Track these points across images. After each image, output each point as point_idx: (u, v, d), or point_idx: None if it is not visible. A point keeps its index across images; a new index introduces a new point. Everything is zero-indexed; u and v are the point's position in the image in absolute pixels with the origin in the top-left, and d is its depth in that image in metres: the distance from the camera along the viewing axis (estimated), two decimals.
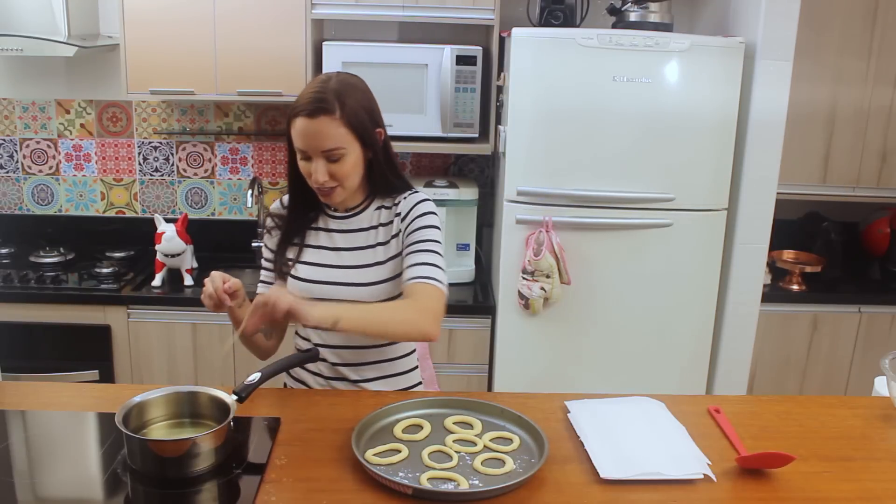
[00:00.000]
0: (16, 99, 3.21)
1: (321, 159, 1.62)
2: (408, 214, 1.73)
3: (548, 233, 2.61)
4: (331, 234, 1.76)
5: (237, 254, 3.24)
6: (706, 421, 1.60)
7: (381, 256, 1.74)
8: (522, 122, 2.61)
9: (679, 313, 2.75)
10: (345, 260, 1.74)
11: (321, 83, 1.63)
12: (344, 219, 1.77)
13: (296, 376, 1.84)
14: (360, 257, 1.74)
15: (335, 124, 1.60)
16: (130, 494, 1.31)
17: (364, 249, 1.75)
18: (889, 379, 1.63)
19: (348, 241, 1.75)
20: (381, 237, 1.75)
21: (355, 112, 1.62)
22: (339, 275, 1.73)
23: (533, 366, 2.77)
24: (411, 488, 1.29)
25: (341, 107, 1.60)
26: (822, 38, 2.93)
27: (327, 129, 1.59)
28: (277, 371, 1.58)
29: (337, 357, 1.76)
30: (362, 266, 1.74)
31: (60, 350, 2.81)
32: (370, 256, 1.74)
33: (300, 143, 1.62)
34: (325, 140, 1.60)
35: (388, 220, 1.76)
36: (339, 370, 1.77)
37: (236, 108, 3.23)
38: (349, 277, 1.73)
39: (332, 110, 1.59)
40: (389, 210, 1.77)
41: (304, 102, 1.60)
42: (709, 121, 2.62)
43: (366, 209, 1.77)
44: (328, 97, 1.60)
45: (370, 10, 2.78)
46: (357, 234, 1.76)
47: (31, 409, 1.58)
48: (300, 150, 1.63)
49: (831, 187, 3.10)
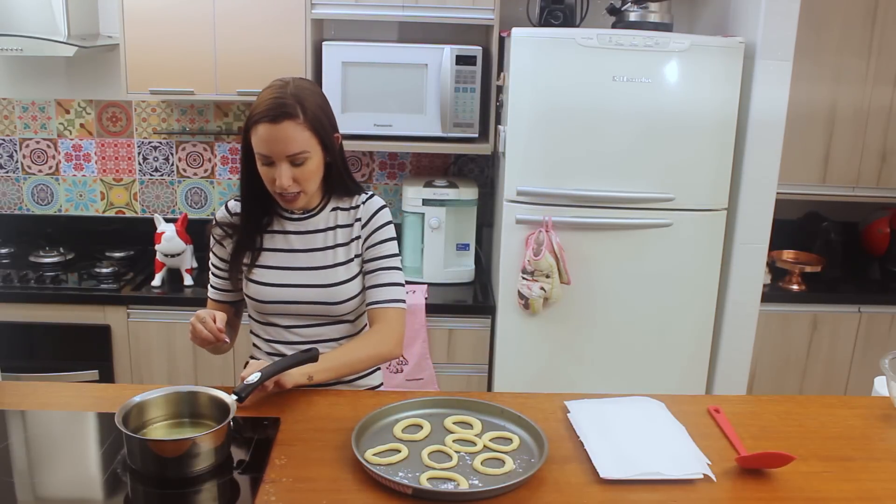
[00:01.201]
0: (16, 99, 3.21)
1: (285, 164, 1.62)
2: (369, 222, 1.77)
3: (547, 233, 2.61)
4: (287, 236, 1.77)
5: None
6: (706, 421, 1.60)
7: (341, 257, 1.76)
8: (522, 122, 2.61)
9: (679, 313, 2.75)
10: (302, 261, 1.75)
11: (279, 89, 1.62)
12: (300, 220, 1.77)
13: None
14: (319, 258, 1.76)
15: (299, 128, 1.60)
16: (130, 494, 1.31)
17: (323, 251, 1.76)
18: (889, 379, 1.63)
19: (305, 243, 1.76)
20: (340, 238, 1.77)
21: (316, 116, 1.63)
22: (300, 277, 1.74)
23: (533, 366, 2.77)
24: (411, 488, 1.29)
25: (303, 111, 1.61)
26: (822, 38, 2.93)
27: (292, 134, 1.60)
28: (277, 371, 1.58)
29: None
30: (322, 267, 1.75)
31: (60, 350, 2.81)
32: (330, 258, 1.76)
33: (264, 149, 1.61)
34: (289, 144, 1.60)
35: (347, 222, 1.78)
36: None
37: (236, 108, 3.23)
38: (311, 279, 1.74)
39: (295, 114, 1.60)
40: (347, 212, 1.78)
41: (264, 108, 1.59)
42: (709, 121, 2.62)
43: (321, 210, 1.78)
44: (289, 101, 1.60)
45: (370, 10, 2.78)
46: (315, 236, 1.77)
47: (31, 409, 1.58)
48: (263, 156, 1.62)
49: (831, 187, 3.10)
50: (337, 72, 2.79)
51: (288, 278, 1.75)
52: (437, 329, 2.82)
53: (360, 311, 1.83)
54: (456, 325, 2.83)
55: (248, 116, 1.63)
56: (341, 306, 1.76)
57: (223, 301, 1.85)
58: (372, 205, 1.78)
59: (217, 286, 1.84)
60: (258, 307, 1.78)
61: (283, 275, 1.75)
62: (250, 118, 1.62)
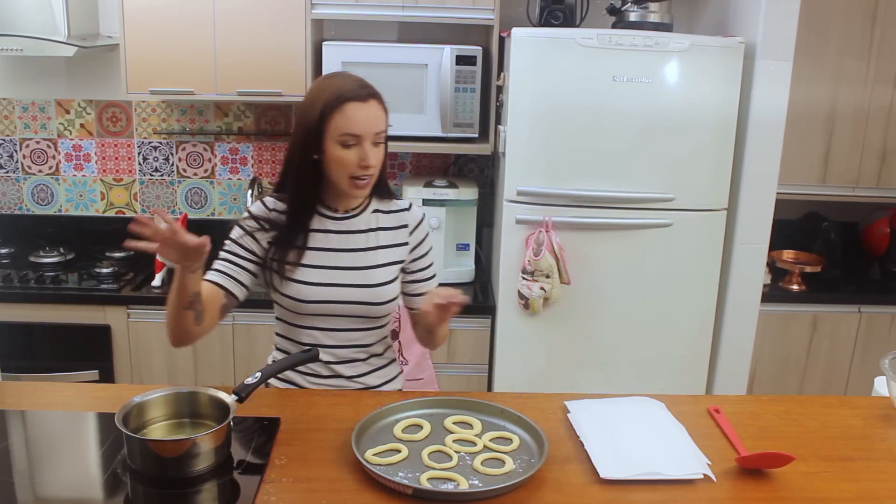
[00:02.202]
0: (16, 99, 3.21)
1: (369, 142, 1.63)
2: (417, 229, 1.80)
3: (547, 233, 2.61)
4: (328, 235, 1.75)
5: None
6: (706, 421, 1.60)
7: (383, 259, 1.75)
8: (522, 122, 2.61)
9: (679, 313, 2.75)
10: (345, 261, 1.74)
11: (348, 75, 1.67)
12: (342, 220, 1.76)
13: (283, 377, 1.81)
14: (362, 259, 1.74)
15: (381, 108, 1.65)
16: (130, 494, 1.31)
17: (364, 251, 1.75)
18: (889, 379, 1.63)
19: (347, 243, 1.75)
20: (383, 241, 1.76)
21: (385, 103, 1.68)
22: (343, 276, 1.72)
23: (533, 366, 2.77)
24: (411, 488, 1.29)
25: (380, 96, 1.66)
26: (822, 38, 2.93)
27: (378, 113, 1.64)
28: (277, 371, 1.58)
29: (331, 356, 1.76)
30: (366, 268, 1.74)
31: (60, 350, 2.81)
32: (372, 258, 1.74)
33: (354, 128, 1.61)
34: (378, 122, 1.63)
35: (391, 225, 1.78)
36: (333, 368, 1.77)
37: (236, 108, 3.23)
38: (354, 279, 1.72)
39: (379, 95, 1.65)
40: (389, 215, 1.78)
41: (349, 89, 1.61)
42: (708, 121, 2.62)
43: (363, 211, 1.77)
44: (371, 86, 1.64)
45: (370, 10, 2.78)
46: (356, 236, 1.75)
47: (31, 409, 1.58)
48: (350, 136, 1.61)
49: (831, 187, 3.10)
50: None
51: (331, 277, 1.72)
52: None
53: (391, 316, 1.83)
54: (456, 325, 2.82)
55: (321, 106, 1.60)
56: (382, 307, 1.74)
57: (223, 286, 1.69)
58: (417, 213, 1.81)
59: (226, 271, 1.70)
60: (297, 307, 1.72)
61: (326, 274, 1.72)
62: (328, 104, 1.60)
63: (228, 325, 2.81)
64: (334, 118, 1.61)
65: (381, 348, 1.83)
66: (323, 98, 1.62)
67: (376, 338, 1.80)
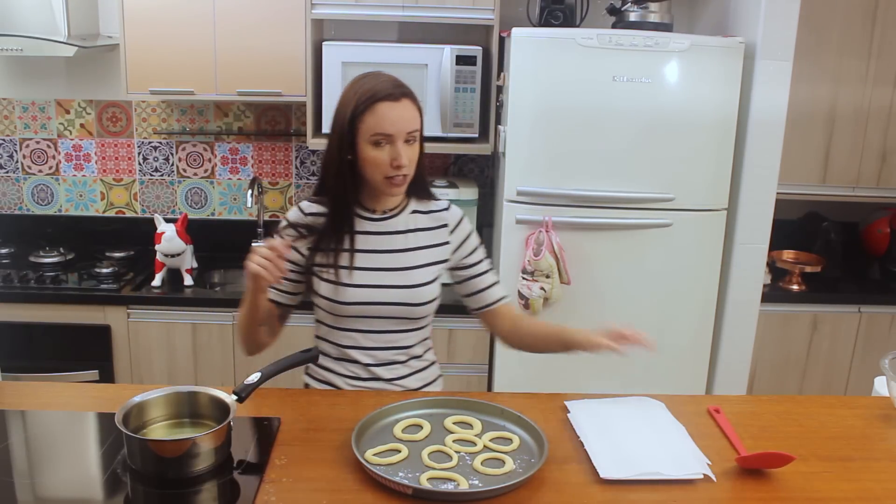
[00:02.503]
0: (16, 99, 3.21)
1: (402, 141, 1.62)
2: (458, 228, 1.79)
3: (548, 233, 2.61)
4: (367, 236, 1.73)
5: (237, 254, 3.23)
6: (706, 421, 1.60)
7: (421, 259, 1.74)
8: (522, 122, 2.61)
9: (679, 313, 2.75)
10: (384, 262, 1.72)
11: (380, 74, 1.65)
12: (380, 220, 1.74)
13: (320, 378, 1.81)
14: (402, 259, 1.73)
15: (414, 107, 1.64)
16: (130, 494, 1.31)
17: (404, 252, 1.74)
18: (889, 379, 1.63)
19: (386, 244, 1.74)
20: (423, 241, 1.75)
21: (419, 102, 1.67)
22: (383, 277, 1.71)
23: (533, 366, 2.76)
24: (411, 488, 1.29)
25: (412, 93, 1.65)
26: (822, 38, 2.93)
27: (411, 112, 1.63)
28: (277, 371, 1.58)
29: (370, 358, 1.76)
30: (406, 268, 1.73)
31: (60, 350, 2.81)
32: (411, 259, 1.73)
33: (386, 127, 1.60)
34: (410, 122, 1.62)
35: (430, 225, 1.77)
36: (372, 370, 1.76)
37: (236, 108, 3.23)
38: (394, 280, 1.71)
39: (411, 94, 1.64)
40: (427, 215, 1.78)
41: (380, 89, 1.60)
42: (709, 121, 2.62)
43: (402, 212, 1.76)
44: (404, 85, 1.64)
45: (370, 10, 2.78)
46: (395, 237, 1.74)
47: (31, 409, 1.58)
48: (382, 136, 1.60)
49: (831, 187, 3.10)
50: (337, 72, 2.79)
51: (370, 279, 1.71)
52: (438, 329, 2.80)
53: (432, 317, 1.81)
54: (456, 325, 2.83)
55: (353, 106, 1.60)
56: (422, 308, 1.73)
57: (278, 301, 1.77)
58: (457, 212, 1.81)
59: (277, 286, 1.75)
60: (337, 309, 1.71)
61: (365, 275, 1.71)
62: (360, 104, 1.60)
63: (228, 325, 2.81)
64: (366, 118, 1.60)
65: (420, 350, 1.82)
66: (355, 99, 1.62)
67: (416, 339, 1.79)
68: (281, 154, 3.27)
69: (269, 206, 3.32)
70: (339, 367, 1.78)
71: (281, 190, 3.31)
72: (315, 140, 2.91)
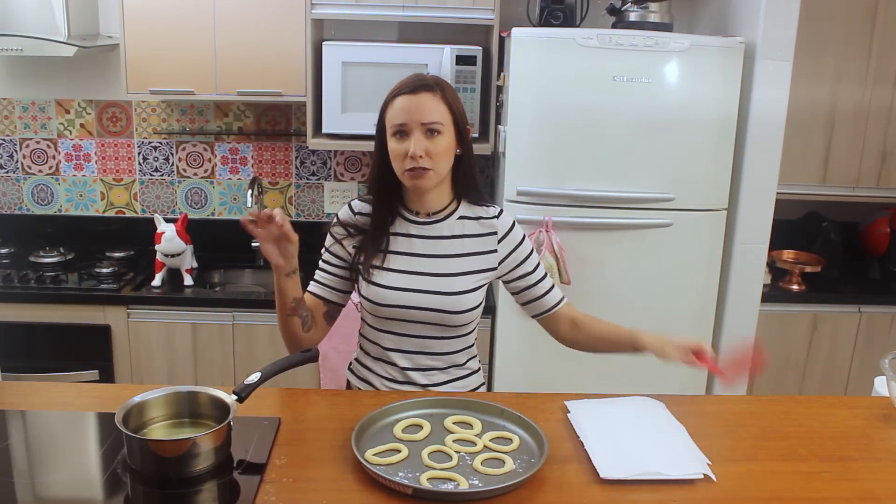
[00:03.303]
0: (16, 99, 3.21)
1: (419, 133, 1.62)
2: (508, 236, 1.77)
3: (548, 233, 2.61)
4: (411, 239, 1.74)
5: (237, 254, 3.24)
6: (706, 421, 1.60)
7: (465, 267, 1.73)
8: (522, 122, 2.61)
9: (679, 313, 2.75)
10: (426, 267, 1.72)
11: (417, 74, 1.69)
12: (425, 224, 1.74)
13: (360, 375, 1.83)
14: (444, 265, 1.72)
15: (436, 100, 1.64)
16: (130, 494, 1.31)
17: (448, 258, 1.73)
18: (889, 379, 1.63)
19: (430, 248, 1.73)
20: (469, 248, 1.74)
21: (453, 96, 1.68)
22: (422, 282, 1.71)
23: (533, 366, 2.77)
24: (411, 488, 1.29)
25: (441, 89, 1.66)
26: (822, 38, 2.93)
27: (428, 103, 1.63)
28: (277, 371, 1.58)
29: (408, 362, 1.76)
30: (447, 275, 1.72)
31: (60, 350, 2.81)
32: (454, 265, 1.73)
33: (399, 118, 1.63)
34: (425, 113, 1.62)
35: (478, 232, 1.76)
36: (408, 374, 1.76)
37: (236, 108, 3.23)
38: (433, 285, 1.71)
39: (433, 88, 1.65)
40: (477, 222, 1.76)
41: (403, 84, 1.65)
42: (708, 121, 2.62)
43: (448, 217, 1.75)
44: (428, 80, 1.66)
45: (370, 10, 2.78)
46: (440, 242, 1.74)
47: (31, 409, 1.58)
48: (397, 127, 1.63)
49: (831, 187, 3.10)
50: (337, 72, 2.79)
51: (410, 282, 1.71)
52: None
53: (475, 324, 1.80)
54: None
55: (383, 102, 1.67)
56: (460, 316, 1.72)
57: (321, 296, 1.78)
58: (508, 219, 1.79)
59: (322, 281, 1.78)
60: (375, 310, 1.73)
61: (405, 279, 1.71)
62: (387, 99, 1.66)
63: (228, 325, 2.81)
64: (388, 113, 1.66)
65: (462, 358, 1.81)
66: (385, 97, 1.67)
67: (457, 346, 1.78)
68: (281, 154, 3.27)
69: (269, 206, 3.32)
70: (377, 366, 1.79)
71: (281, 190, 3.31)
72: (315, 140, 2.91)
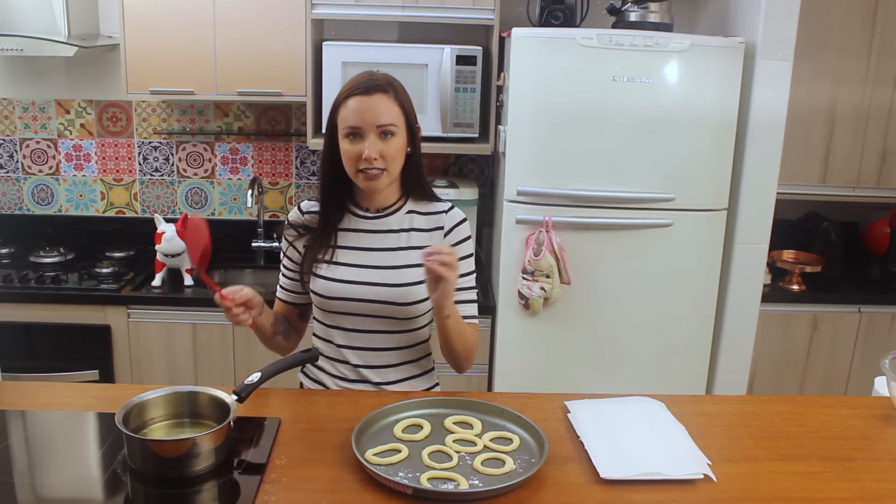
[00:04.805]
0: (16, 99, 3.21)
1: (373, 135, 1.63)
2: (451, 232, 1.76)
3: (548, 233, 2.61)
4: (359, 234, 1.75)
5: (237, 254, 3.24)
6: (706, 421, 1.60)
7: (412, 259, 1.73)
8: (522, 122, 2.61)
9: (679, 313, 2.75)
10: (373, 260, 1.73)
11: (368, 73, 1.69)
12: (374, 219, 1.75)
13: (313, 377, 1.83)
14: (391, 258, 1.73)
15: (389, 101, 1.65)
16: (130, 494, 1.31)
17: (395, 251, 1.73)
18: (889, 379, 1.63)
19: (377, 242, 1.74)
20: (416, 241, 1.74)
21: (405, 96, 1.68)
22: (370, 275, 1.72)
23: (533, 366, 2.77)
24: (411, 488, 1.29)
25: (393, 90, 1.66)
26: (822, 38, 2.93)
27: (382, 105, 1.63)
28: (277, 371, 1.58)
29: (360, 359, 1.76)
30: (394, 267, 1.72)
31: (60, 350, 2.81)
32: (402, 258, 1.73)
33: (353, 121, 1.63)
34: (379, 115, 1.63)
35: (426, 226, 1.76)
36: (361, 372, 1.76)
37: (236, 108, 3.23)
38: (381, 278, 1.71)
39: (386, 89, 1.65)
40: (426, 217, 1.77)
41: (355, 84, 1.65)
42: (709, 121, 2.62)
43: (397, 211, 1.76)
44: (380, 80, 1.66)
45: (370, 10, 2.78)
46: (387, 235, 1.75)
47: (31, 409, 1.58)
48: (351, 129, 1.63)
49: (831, 187, 3.10)
50: (337, 72, 2.79)
51: (357, 275, 1.72)
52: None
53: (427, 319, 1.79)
54: None
55: (335, 100, 1.67)
56: (409, 308, 1.72)
57: (289, 301, 1.84)
58: (456, 214, 1.78)
59: (285, 286, 1.83)
60: (324, 304, 1.74)
61: (353, 272, 1.72)
62: (338, 98, 1.66)
63: (228, 325, 2.81)
64: (340, 113, 1.66)
65: (415, 354, 1.80)
66: (337, 96, 1.67)
67: (409, 342, 1.78)
68: (281, 154, 3.27)
69: (269, 206, 3.32)
70: (330, 366, 1.79)
71: (281, 190, 3.31)
72: (315, 140, 2.91)
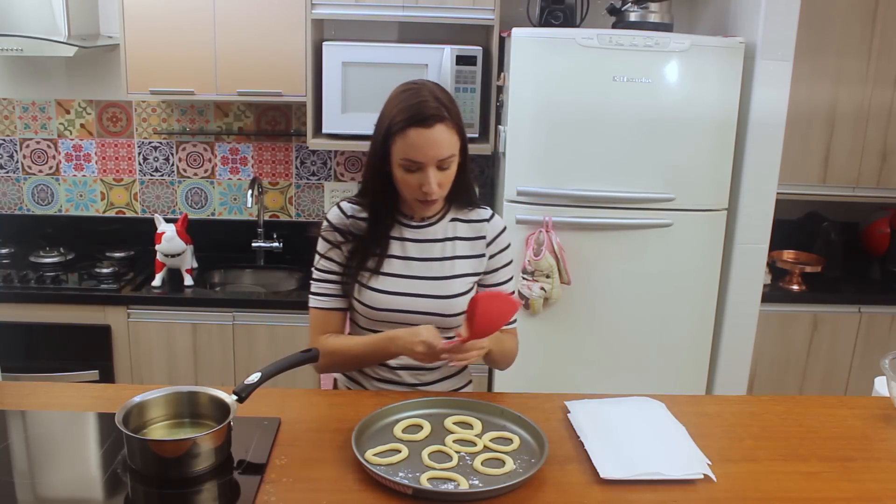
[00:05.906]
0: (16, 99, 3.21)
1: (433, 168, 1.57)
2: (494, 241, 1.75)
3: (548, 233, 2.61)
4: (403, 243, 1.72)
5: (237, 254, 3.25)
6: (706, 421, 1.60)
7: (459, 270, 1.72)
8: (522, 122, 2.61)
9: (679, 313, 2.75)
10: (418, 270, 1.70)
11: (417, 93, 1.57)
12: (418, 228, 1.72)
13: (349, 376, 1.82)
14: (436, 268, 1.71)
15: (449, 131, 1.57)
16: (130, 494, 1.31)
17: (439, 261, 1.72)
18: (889, 379, 1.63)
19: (421, 251, 1.72)
20: (460, 251, 1.73)
21: (457, 113, 1.60)
22: (416, 286, 1.69)
23: (533, 366, 2.77)
24: (411, 488, 1.29)
25: (449, 114, 1.57)
26: (822, 38, 2.93)
27: (443, 137, 1.56)
28: (277, 371, 1.58)
29: (398, 361, 1.74)
30: (439, 278, 1.71)
31: (60, 350, 2.81)
32: (447, 268, 1.71)
33: (415, 156, 1.55)
34: (442, 148, 1.56)
35: (470, 235, 1.74)
36: (398, 373, 1.75)
37: (236, 108, 3.23)
38: (427, 289, 1.69)
39: (444, 117, 1.56)
40: (469, 225, 1.75)
41: (413, 113, 1.54)
42: (709, 121, 2.62)
43: (440, 220, 1.74)
44: (436, 107, 1.55)
45: (370, 10, 2.78)
46: (432, 245, 1.72)
47: (31, 409, 1.58)
48: (411, 162, 1.56)
49: (831, 187, 3.10)
50: (337, 72, 2.79)
51: (404, 286, 1.69)
52: None
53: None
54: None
55: (388, 123, 1.57)
56: (454, 319, 1.70)
57: (335, 308, 1.74)
58: (498, 224, 1.76)
59: (331, 292, 1.73)
60: (370, 314, 1.70)
61: (399, 282, 1.69)
62: (394, 126, 1.56)
63: (228, 326, 2.81)
64: (397, 141, 1.57)
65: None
66: (390, 116, 1.58)
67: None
68: (281, 154, 3.27)
69: (269, 207, 3.32)
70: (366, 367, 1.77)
71: (281, 190, 3.31)
72: (315, 140, 2.91)
